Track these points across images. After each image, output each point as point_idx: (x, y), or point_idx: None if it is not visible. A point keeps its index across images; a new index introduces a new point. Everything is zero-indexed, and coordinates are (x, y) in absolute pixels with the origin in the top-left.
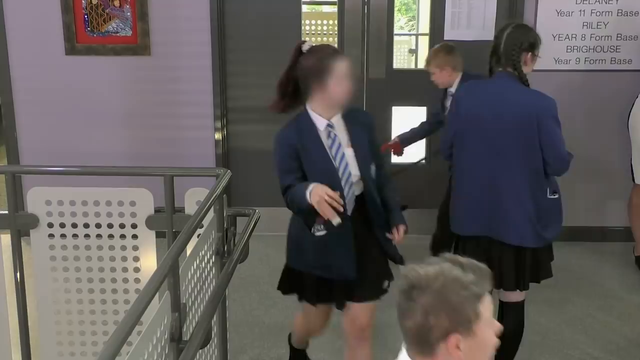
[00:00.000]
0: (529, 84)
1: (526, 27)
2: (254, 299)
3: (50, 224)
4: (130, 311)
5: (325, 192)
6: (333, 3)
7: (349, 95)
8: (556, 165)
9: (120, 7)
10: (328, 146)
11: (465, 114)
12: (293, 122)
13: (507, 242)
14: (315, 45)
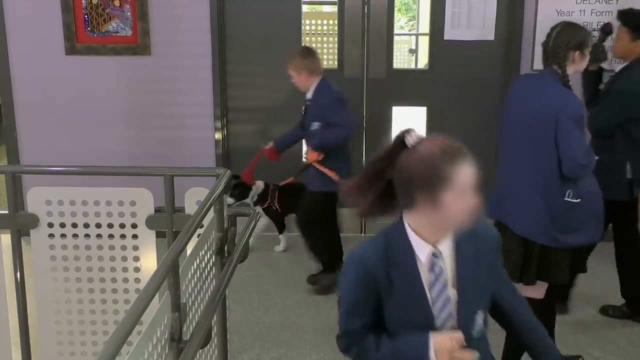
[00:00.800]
0: (569, 83)
1: (576, 26)
2: (254, 299)
3: (51, 224)
4: (130, 311)
5: (455, 342)
6: (333, 3)
7: (473, 215)
8: (567, 166)
9: (120, 7)
10: (428, 284)
11: (507, 104)
12: (380, 239)
13: (514, 230)
14: (427, 139)
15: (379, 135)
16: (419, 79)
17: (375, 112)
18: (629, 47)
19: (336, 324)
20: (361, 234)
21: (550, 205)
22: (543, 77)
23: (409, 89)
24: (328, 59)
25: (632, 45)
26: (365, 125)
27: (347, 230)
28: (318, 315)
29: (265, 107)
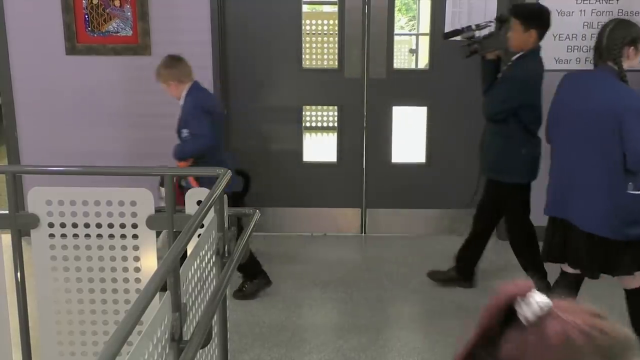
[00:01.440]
0: (626, 79)
1: (629, 22)
2: (254, 299)
3: (51, 224)
4: (130, 311)
5: None
6: (333, 3)
7: None
8: (631, 159)
9: (120, 7)
10: None
11: (559, 101)
12: None
13: (579, 226)
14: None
15: (379, 135)
16: (420, 79)
17: (375, 112)
18: (523, 38)
19: (336, 324)
20: (361, 234)
21: (614, 199)
22: (599, 74)
23: (410, 89)
24: (328, 59)
25: (525, 36)
26: (365, 125)
27: (347, 229)
28: (318, 315)
29: (265, 107)
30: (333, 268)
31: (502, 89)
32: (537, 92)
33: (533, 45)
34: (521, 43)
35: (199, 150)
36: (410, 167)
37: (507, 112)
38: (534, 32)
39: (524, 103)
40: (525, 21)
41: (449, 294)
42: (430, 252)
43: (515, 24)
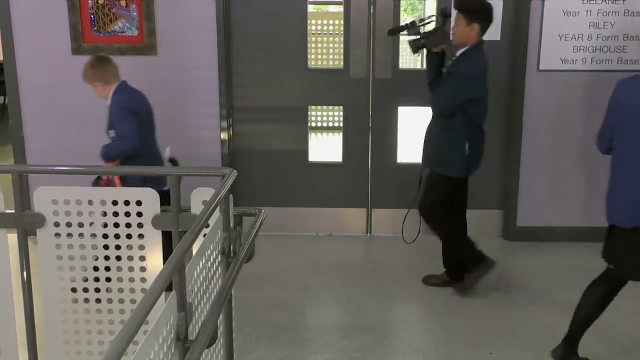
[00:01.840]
0: None
1: None
2: (259, 299)
3: (57, 223)
4: (136, 310)
5: None
6: (339, 3)
7: None
8: None
9: (126, 6)
10: None
11: (625, 105)
12: None
13: None
14: None
15: (384, 135)
16: (425, 79)
17: (381, 112)
18: (466, 31)
19: (341, 324)
20: (367, 234)
21: None
22: None
23: (415, 89)
24: (334, 59)
25: (468, 30)
26: (371, 125)
27: (352, 229)
28: (323, 315)
29: (271, 107)
30: (338, 268)
31: (449, 85)
32: (483, 86)
33: (476, 39)
34: (465, 37)
35: (125, 151)
36: (416, 167)
37: (455, 107)
38: (476, 26)
39: (471, 98)
40: (469, 15)
41: (453, 294)
42: (435, 252)
43: (459, 18)
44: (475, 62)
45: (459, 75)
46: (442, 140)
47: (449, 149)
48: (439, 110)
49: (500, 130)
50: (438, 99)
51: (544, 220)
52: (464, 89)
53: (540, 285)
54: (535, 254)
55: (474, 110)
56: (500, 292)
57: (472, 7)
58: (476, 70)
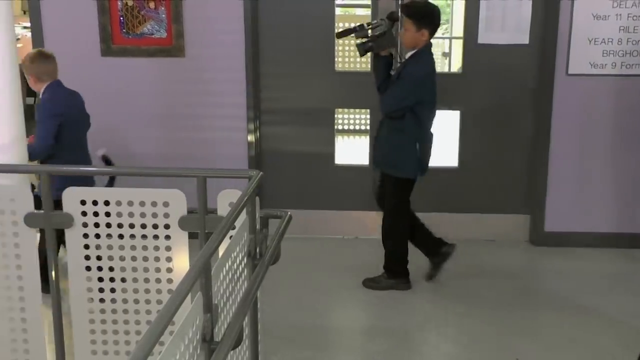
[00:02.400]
0: None
1: None
2: (284, 301)
3: (85, 224)
4: (162, 311)
5: None
6: (366, 6)
7: None
8: None
9: (155, 9)
10: None
11: None
12: None
13: None
14: None
15: None
16: (453, 83)
17: None
18: (416, 37)
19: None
20: None
21: None
22: None
23: (442, 93)
24: (361, 62)
25: (417, 35)
26: None
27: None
28: (347, 318)
29: (298, 109)
30: (363, 271)
31: (398, 87)
32: (432, 88)
33: (425, 44)
34: (413, 41)
35: (39, 152)
36: (442, 171)
37: (404, 110)
38: (425, 31)
39: (420, 99)
40: (417, 20)
41: (480, 298)
42: (461, 256)
43: (408, 23)
44: (425, 64)
45: (408, 77)
46: (392, 142)
47: (400, 150)
48: (389, 112)
49: (528, 134)
50: (388, 101)
51: (571, 226)
52: (413, 91)
53: (567, 290)
54: (563, 259)
55: (423, 112)
56: (526, 296)
57: (421, 14)
58: (425, 72)
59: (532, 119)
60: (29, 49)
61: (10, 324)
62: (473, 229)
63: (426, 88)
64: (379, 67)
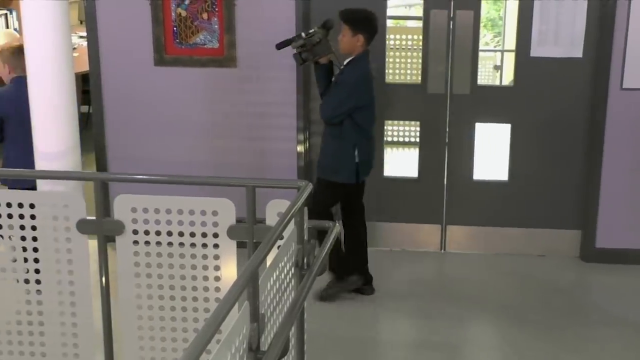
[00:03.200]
0: None
1: None
2: (330, 312)
3: (135, 231)
4: (210, 319)
5: None
6: (418, 18)
7: None
8: None
9: (208, 19)
10: None
11: None
12: None
13: None
14: None
15: (461, 151)
16: (504, 96)
17: (458, 128)
18: (352, 42)
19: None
20: (441, 250)
21: None
22: None
23: (493, 106)
24: (411, 74)
25: (353, 40)
26: (447, 141)
27: (426, 246)
28: (394, 331)
29: None
30: (411, 284)
31: (335, 94)
32: (369, 93)
33: (362, 49)
34: (350, 47)
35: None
36: (492, 184)
37: (342, 115)
38: (361, 37)
39: (357, 105)
40: (353, 26)
41: (529, 314)
42: (510, 271)
43: (344, 29)
44: (360, 70)
45: (343, 83)
46: (332, 148)
47: (339, 156)
48: (326, 119)
49: (580, 148)
50: (325, 108)
51: (624, 242)
52: (349, 97)
53: (618, 308)
54: (614, 276)
55: (361, 117)
56: (575, 313)
57: (356, 19)
58: (360, 78)
59: (584, 133)
60: (85, 58)
61: (61, 328)
62: (522, 244)
63: (362, 93)
64: (319, 76)
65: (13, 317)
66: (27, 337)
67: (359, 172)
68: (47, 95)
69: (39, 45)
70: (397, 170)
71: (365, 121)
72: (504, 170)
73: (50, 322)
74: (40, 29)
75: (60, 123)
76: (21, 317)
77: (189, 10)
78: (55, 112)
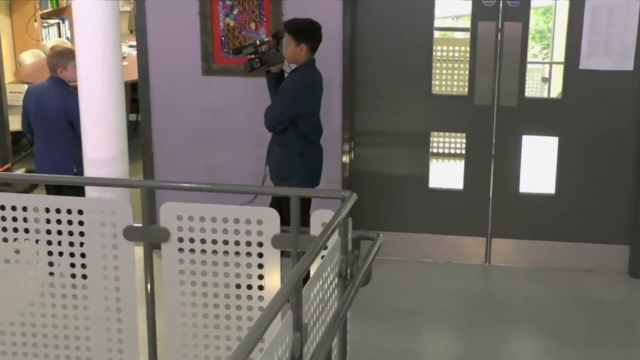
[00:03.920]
0: None
1: None
2: (372, 324)
3: (181, 239)
4: (253, 328)
5: None
6: (466, 30)
7: None
8: None
9: (255, 29)
10: None
11: None
12: None
13: None
14: None
15: (507, 164)
16: (552, 108)
17: (504, 140)
18: (295, 51)
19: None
20: (485, 263)
21: None
22: None
23: (541, 118)
24: (458, 86)
25: (297, 50)
26: (494, 153)
27: (470, 258)
28: (436, 343)
29: (393, 131)
30: (454, 297)
31: (277, 101)
32: (314, 101)
33: (306, 58)
34: (294, 56)
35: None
36: (538, 197)
37: (285, 123)
38: (304, 47)
39: (300, 113)
40: (295, 36)
41: (575, 329)
42: (557, 286)
43: (289, 39)
44: (303, 78)
45: (286, 90)
46: (278, 156)
47: (286, 164)
48: (269, 126)
49: (630, 162)
50: (268, 115)
51: None
52: (291, 104)
53: None
54: None
55: (306, 125)
56: (623, 330)
57: (299, 29)
58: (304, 86)
59: (634, 147)
60: (134, 67)
61: (107, 333)
62: (569, 258)
63: (304, 101)
64: (270, 84)
65: (60, 322)
66: (74, 342)
67: (306, 182)
68: (97, 103)
69: (90, 54)
70: (443, 182)
71: (308, 130)
72: (551, 183)
73: (96, 328)
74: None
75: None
76: (68, 322)
77: (237, 20)
78: (104, 120)
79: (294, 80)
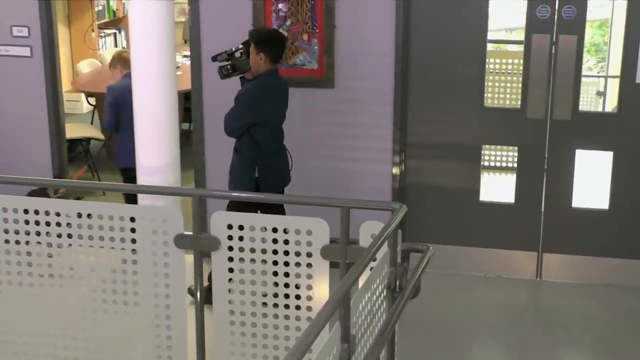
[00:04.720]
0: None
1: None
2: (421, 337)
3: (230, 247)
4: (301, 338)
5: None
6: (519, 42)
7: None
8: None
9: (308, 40)
10: None
11: None
12: None
13: None
14: None
15: (560, 178)
16: (607, 123)
17: (557, 154)
18: (256, 60)
19: None
20: (536, 278)
21: None
22: None
23: (595, 133)
24: (511, 99)
25: (257, 58)
26: (546, 167)
27: (521, 273)
28: (484, 359)
29: (444, 144)
30: (504, 311)
31: (234, 108)
32: (271, 111)
33: (266, 67)
34: (256, 65)
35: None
36: (591, 212)
37: (242, 129)
38: (263, 55)
39: (254, 121)
40: (256, 45)
41: (630, 351)
42: (608, 303)
43: (251, 47)
44: (259, 87)
45: (242, 96)
46: (233, 162)
47: (237, 170)
48: (226, 132)
49: None
50: (226, 121)
51: None
52: (246, 111)
53: None
54: None
55: (260, 134)
56: None
57: (259, 38)
58: (261, 94)
59: None
60: (188, 77)
61: (156, 340)
62: (622, 275)
63: (259, 109)
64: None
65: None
66: (124, 348)
67: (259, 187)
68: (150, 112)
69: (145, 63)
70: (494, 195)
71: (262, 138)
72: (604, 198)
73: (145, 334)
74: (146, 48)
75: (163, 139)
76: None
77: (290, 31)
78: (158, 128)
79: (250, 89)
